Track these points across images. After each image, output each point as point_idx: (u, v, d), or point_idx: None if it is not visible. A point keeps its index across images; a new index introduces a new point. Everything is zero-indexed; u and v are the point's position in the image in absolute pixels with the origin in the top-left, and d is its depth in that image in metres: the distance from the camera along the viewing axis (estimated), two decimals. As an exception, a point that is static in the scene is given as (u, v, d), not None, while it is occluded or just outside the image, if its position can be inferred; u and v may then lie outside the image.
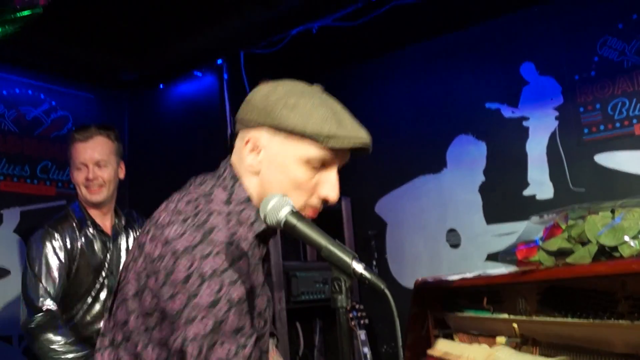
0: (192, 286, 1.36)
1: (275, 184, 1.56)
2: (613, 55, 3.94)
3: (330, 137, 1.51)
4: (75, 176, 2.94)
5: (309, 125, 1.51)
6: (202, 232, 1.40)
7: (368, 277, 1.23)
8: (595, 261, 1.59)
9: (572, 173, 4.01)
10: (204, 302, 1.35)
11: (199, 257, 1.37)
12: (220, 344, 1.35)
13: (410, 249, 4.67)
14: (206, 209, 1.47)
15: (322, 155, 1.54)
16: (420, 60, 4.75)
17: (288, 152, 1.55)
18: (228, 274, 1.38)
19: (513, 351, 1.96)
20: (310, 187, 1.56)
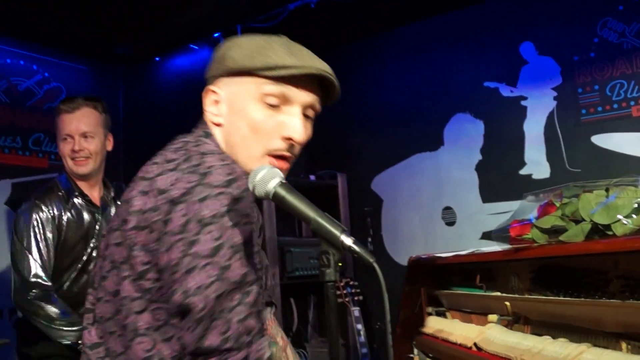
0: (191, 232, 1.27)
1: (235, 132, 1.49)
2: (613, 36, 3.91)
3: (280, 67, 1.42)
4: (61, 148, 2.88)
5: (257, 58, 1.44)
6: (197, 175, 1.32)
7: (357, 250, 1.20)
8: (588, 239, 1.58)
9: (569, 153, 4.01)
10: (204, 250, 1.27)
11: (197, 201, 1.29)
12: (227, 294, 1.27)
13: (406, 227, 4.68)
14: (198, 151, 1.41)
15: (276, 89, 1.45)
16: (419, 38, 4.72)
17: (242, 94, 1.48)
18: (229, 217, 1.29)
19: (504, 329, 1.96)
20: (270, 129, 1.46)
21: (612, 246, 1.51)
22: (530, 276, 1.95)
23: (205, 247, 1.27)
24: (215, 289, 1.26)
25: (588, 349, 1.53)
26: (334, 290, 1.21)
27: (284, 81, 1.44)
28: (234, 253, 1.29)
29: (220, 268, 1.27)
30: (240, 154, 1.48)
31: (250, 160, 1.46)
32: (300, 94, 1.47)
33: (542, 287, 1.89)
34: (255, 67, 1.43)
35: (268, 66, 1.42)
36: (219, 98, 1.52)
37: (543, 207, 1.74)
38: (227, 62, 1.48)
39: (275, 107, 1.46)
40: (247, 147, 1.47)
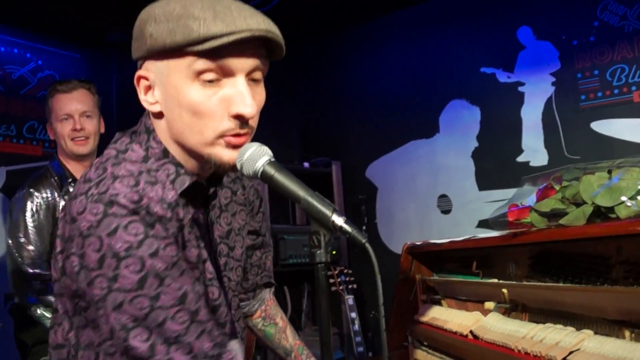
0: (109, 269, 1.18)
1: (177, 120, 1.31)
2: (614, 19, 3.85)
3: (206, 38, 1.21)
4: (59, 129, 2.84)
5: (177, 32, 1.22)
6: (102, 205, 1.20)
7: (348, 230, 1.13)
8: (589, 223, 1.52)
9: (568, 140, 3.96)
10: (128, 285, 1.18)
11: (106, 235, 1.18)
12: (170, 319, 1.20)
13: (401, 215, 4.64)
14: (112, 173, 1.26)
15: (209, 64, 1.25)
16: (414, 23, 4.67)
17: (172, 76, 1.28)
18: (145, 246, 1.19)
19: (502, 317, 1.90)
20: (215, 109, 1.27)
21: (615, 229, 1.44)
22: (529, 262, 1.89)
23: (128, 282, 1.18)
24: (154, 319, 1.19)
25: (589, 337, 1.47)
26: (325, 272, 1.15)
27: (216, 53, 1.23)
28: (162, 280, 1.20)
29: (150, 299, 1.19)
30: (190, 141, 1.32)
31: (203, 147, 1.31)
32: (239, 62, 1.27)
33: (540, 274, 1.83)
34: (177, 43, 1.23)
35: (192, 40, 1.21)
36: (151, 83, 1.34)
37: (542, 191, 1.68)
38: (147, 40, 1.27)
39: (215, 82, 1.27)
40: (195, 134, 1.30)
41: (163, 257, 1.21)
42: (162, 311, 1.19)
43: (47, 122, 2.92)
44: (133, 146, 1.36)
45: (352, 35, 4.96)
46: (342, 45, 4.98)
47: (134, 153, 1.34)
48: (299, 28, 4.80)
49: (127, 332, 1.19)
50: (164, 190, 1.29)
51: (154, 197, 1.25)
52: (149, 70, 1.33)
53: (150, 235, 1.21)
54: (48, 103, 2.89)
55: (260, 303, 1.90)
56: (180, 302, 1.22)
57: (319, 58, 5.05)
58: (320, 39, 5.04)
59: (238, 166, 1.26)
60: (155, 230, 1.22)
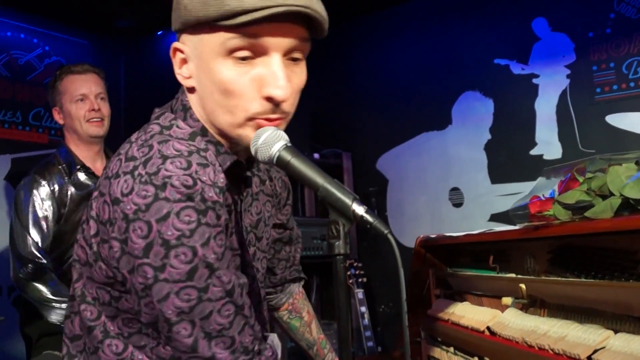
0: (157, 257, 1.11)
1: (208, 97, 1.24)
2: (631, 12, 3.79)
3: (239, 12, 1.13)
4: (73, 110, 2.80)
5: (210, 5, 1.15)
6: (154, 187, 1.12)
7: (370, 220, 1.07)
8: (617, 215, 1.46)
9: (582, 133, 3.90)
10: (177, 275, 1.12)
11: (156, 221, 1.11)
12: (217, 312, 1.15)
13: (412, 207, 4.58)
14: (159, 151, 1.18)
15: (242, 41, 1.17)
16: (427, 13, 4.61)
17: (205, 50, 1.21)
18: (197, 235, 1.12)
19: (520, 313, 1.84)
20: (246, 89, 1.19)
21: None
22: (548, 257, 1.84)
23: (177, 272, 1.12)
24: (200, 311, 1.14)
25: (615, 335, 1.42)
26: (343, 264, 1.09)
27: (250, 29, 1.16)
28: (212, 271, 1.14)
29: (199, 290, 1.13)
30: (220, 121, 1.26)
31: (232, 128, 1.24)
32: (274, 39, 1.18)
33: (560, 269, 1.77)
34: (209, 17, 1.15)
35: (224, 14, 1.14)
36: (186, 55, 1.27)
37: (565, 183, 1.62)
38: (182, 12, 1.21)
39: (248, 59, 1.20)
40: (224, 113, 1.23)
41: (214, 247, 1.15)
42: (209, 303, 1.14)
43: (55, 106, 2.87)
44: (178, 122, 1.29)
45: (364, 24, 4.90)
46: (353, 35, 4.92)
47: (180, 130, 1.27)
48: (310, 17, 4.73)
49: (170, 325, 1.14)
50: (215, 173, 1.21)
51: (207, 180, 1.17)
52: (185, 43, 1.26)
53: (202, 224, 1.13)
54: (57, 85, 2.84)
55: (288, 297, 1.86)
56: (228, 295, 1.17)
57: (330, 48, 4.98)
58: (332, 29, 4.95)
59: (253, 151, 1.19)
60: (207, 217, 1.14)
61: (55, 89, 2.85)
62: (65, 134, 2.89)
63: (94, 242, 1.22)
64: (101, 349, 1.26)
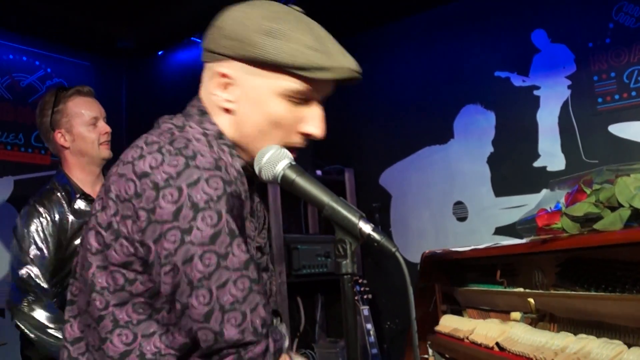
0: (185, 220, 1.17)
1: (251, 123, 1.36)
2: (629, 21, 3.78)
3: (316, 69, 1.31)
4: (86, 133, 2.73)
5: (291, 56, 1.30)
6: (184, 157, 1.21)
7: (377, 238, 1.07)
8: (627, 227, 1.44)
9: (585, 144, 3.88)
10: (201, 237, 1.17)
11: (186, 185, 1.18)
12: (232, 282, 1.19)
13: (416, 222, 4.56)
14: (183, 136, 1.28)
15: (304, 88, 1.35)
16: (427, 27, 4.61)
17: (265, 87, 1.35)
18: (223, 202, 1.20)
19: (530, 327, 1.82)
20: (291, 124, 1.38)
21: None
22: (556, 270, 1.82)
23: (201, 235, 1.17)
24: (217, 278, 1.17)
25: (629, 349, 1.40)
26: (351, 284, 1.07)
27: (314, 80, 1.34)
28: (232, 239, 1.20)
29: (219, 256, 1.18)
30: (255, 144, 1.36)
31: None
32: (324, 90, 1.41)
33: (569, 282, 1.75)
34: (288, 65, 1.31)
35: (304, 66, 1.30)
36: (232, 82, 1.37)
37: (572, 195, 1.60)
38: (253, 48, 1.31)
39: (300, 102, 1.37)
40: (263, 139, 1.36)
41: (237, 217, 1.23)
42: (226, 272, 1.18)
43: (59, 129, 2.75)
44: (191, 123, 1.38)
45: (365, 39, 4.89)
46: (354, 50, 4.86)
47: (193, 129, 1.36)
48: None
49: (191, 289, 1.18)
50: (232, 158, 1.35)
51: (227, 160, 1.31)
52: (234, 70, 1.36)
53: (228, 192, 1.21)
54: (63, 108, 2.74)
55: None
56: (245, 267, 1.21)
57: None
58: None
59: (256, 170, 1.24)
60: (232, 188, 1.23)
61: (59, 111, 2.75)
62: (66, 158, 2.78)
63: (114, 220, 1.25)
64: (109, 340, 1.28)
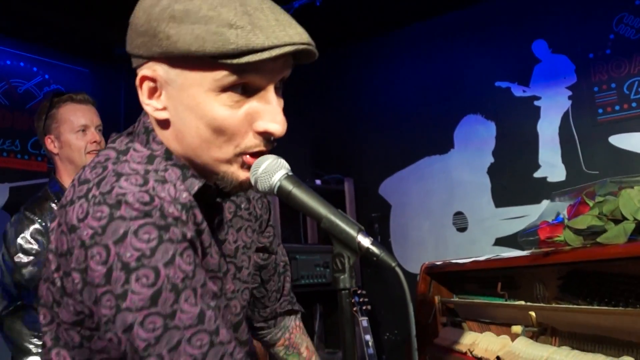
0: (117, 284, 1.02)
1: (192, 133, 1.13)
2: (630, 32, 3.78)
3: (244, 52, 1.04)
4: (73, 140, 2.67)
5: (208, 40, 1.04)
6: (108, 207, 1.03)
7: (376, 252, 1.03)
8: (631, 241, 1.41)
9: (586, 155, 3.87)
10: (139, 301, 1.02)
11: (113, 243, 1.02)
12: (187, 341, 1.04)
13: (415, 233, 4.53)
14: (114, 170, 1.09)
15: (238, 79, 1.08)
16: (428, 37, 4.60)
17: (194, 86, 1.10)
18: (160, 253, 1.03)
19: (531, 342, 1.79)
20: (239, 126, 1.12)
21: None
22: (558, 283, 1.79)
23: (139, 298, 1.02)
24: (167, 341, 1.03)
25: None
26: (349, 299, 1.03)
27: (251, 66, 1.06)
28: (178, 294, 1.04)
29: (164, 317, 1.03)
30: (205, 157, 1.15)
31: (219, 164, 1.15)
32: (272, 75, 1.12)
33: (571, 295, 1.72)
34: (207, 53, 1.05)
35: (227, 52, 1.04)
36: (159, 85, 1.15)
37: (575, 207, 1.58)
38: (162, 41, 1.08)
39: (245, 94, 1.11)
40: (211, 149, 1.14)
41: (180, 265, 1.05)
42: (177, 332, 1.03)
43: (49, 134, 2.70)
44: (135, 145, 1.19)
45: (365, 49, 4.89)
46: (354, 60, 4.91)
47: (137, 153, 1.17)
48: (310, 42, 4.73)
49: (140, 358, 1.04)
50: (176, 190, 1.12)
51: (166, 197, 1.08)
52: (156, 71, 1.14)
53: (165, 240, 1.04)
54: (54, 113, 2.70)
55: (284, 331, 1.75)
56: (199, 322, 1.05)
57: (331, 73, 4.98)
58: (333, 54, 4.97)
59: (252, 181, 1.13)
60: (170, 233, 1.05)
61: (51, 117, 2.70)
62: (57, 165, 2.75)
63: (57, 277, 1.13)
64: None
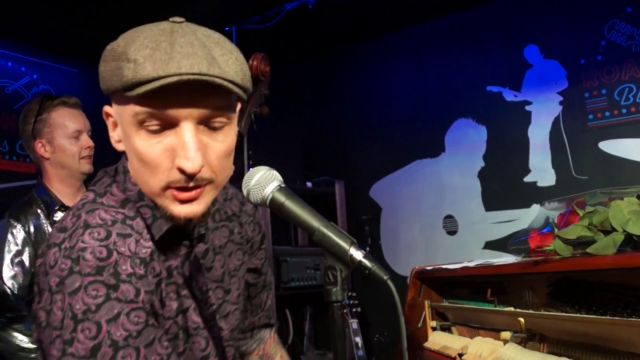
0: (66, 331, 1.09)
1: (131, 165, 1.22)
2: (621, 39, 3.80)
3: (132, 84, 1.07)
4: (67, 146, 2.67)
5: (114, 75, 1.10)
6: (70, 261, 1.11)
7: (368, 266, 1.03)
8: (620, 252, 1.43)
9: (576, 160, 3.89)
10: (82, 351, 1.08)
11: (68, 294, 1.10)
12: None
13: (406, 235, 4.54)
14: (84, 222, 1.17)
15: (146, 111, 1.11)
16: (420, 40, 4.61)
17: (124, 120, 1.17)
18: (104, 310, 1.09)
19: (520, 348, 1.80)
20: (159, 159, 1.14)
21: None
22: (547, 290, 1.80)
23: (82, 347, 1.08)
24: None
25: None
26: (341, 312, 1.04)
27: (154, 99, 1.10)
28: (116, 351, 1.09)
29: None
30: (144, 189, 1.21)
31: (154, 196, 1.20)
32: (182, 110, 1.11)
33: (560, 302, 1.74)
34: (114, 88, 1.11)
35: (124, 85, 1.08)
36: (115, 120, 1.22)
37: (565, 216, 1.59)
38: (101, 78, 1.17)
39: (160, 130, 1.14)
40: (143, 182, 1.20)
41: (124, 324, 1.11)
42: None
43: (40, 138, 2.69)
44: (113, 189, 1.26)
45: (357, 53, 4.89)
46: (346, 63, 4.92)
47: (112, 198, 1.24)
48: (302, 45, 4.73)
49: None
50: (137, 243, 1.18)
51: (125, 252, 1.15)
52: (110, 107, 1.22)
53: (112, 298, 1.11)
54: (46, 117, 2.68)
55: (258, 342, 1.78)
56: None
57: (322, 76, 4.99)
58: (324, 57, 4.98)
59: (245, 193, 1.15)
60: (118, 292, 1.12)
61: (42, 121, 2.69)
62: (46, 169, 2.73)
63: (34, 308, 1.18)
64: None
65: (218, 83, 1.09)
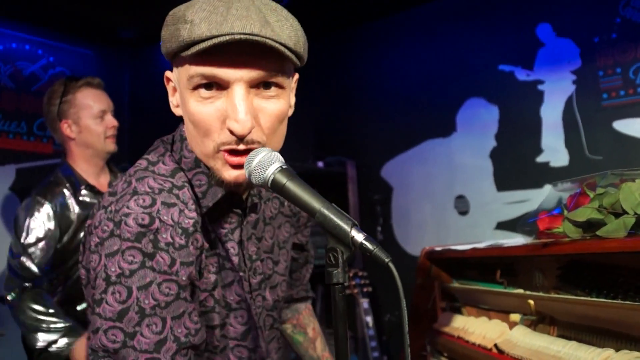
0: (98, 290, 1.13)
1: (186, 128, 1.27)
2: (637, 16, 3.73)
3: (187, 44, 1.12)
4: (93, 126, 2.70)
5: (173, 37, 1.15)
6: (112, 224, 1.14)
7: (370, 248, 1.02)
8: (631, 235, 1.41)
9: (589, 140, 3.84)
10: (108, 312, 1.11)
11: (105, 256, 1.13)
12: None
13: (417, 215, 4.54)
14: (134, 189, 1.20)
15: (202, 73, 1.15)
16: (431, 19, 4.56)
17: (181, 82, 1.21)
18: (138, 277, 1.12)
19: (529, 331, 1.79)
20: (211, 120, 1.18)
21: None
22: (557, 273, 1.79)
23: (109, 309, 1.12)
24: (123, 356, 1.11)
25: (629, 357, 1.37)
26: (342, 294, 1.04)
27: (208, 60, 1.14)
28: (142, 318, 1.12)
29: (126, 334, 1.12)
30: (196, 151, 1.26)
31: (205, 158, 1.24)
32: (233, 71, 1.14)
33: (570, 286, 1.72)
34: (171, 50, 1.17)
35: (180, 46, 1.13)
36: (175, 84, 1.28)
37: (575, 198, 1.57)
38: (162, 44, 1.22)
39: (213, 91, 1.18)
40: (197, 144, 1.24)
41: (154, 293, 1.14)
42: (133, 352, 1.12)
43: (66, 119, 2.72)
44: (165, 158, 1.30)
45: (368, 32, 4.86)
46: (357, 42, 4.88)
47: (164, 166, 1.28)
48: (313, 25, 4.69)
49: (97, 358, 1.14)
50: (180, 213, 1.21)
51: (167, 220, 1.18)
52: (171, 72, 1.28)
53: (146, 267, 1.14)
54: (71, 98, 2.72)
55: (293, 313, 1.84)
56: (156, 350, 1.13)
57: (334, 55, 4.95)
58: (335, 36, 4.95)
59: (246, 174, 1.15)
60: (154, 262, 1.15)
61: (68, 102, 2.72)
62: (71, 149, 2.76)
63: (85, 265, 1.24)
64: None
65: (270, 45, 1.11)
